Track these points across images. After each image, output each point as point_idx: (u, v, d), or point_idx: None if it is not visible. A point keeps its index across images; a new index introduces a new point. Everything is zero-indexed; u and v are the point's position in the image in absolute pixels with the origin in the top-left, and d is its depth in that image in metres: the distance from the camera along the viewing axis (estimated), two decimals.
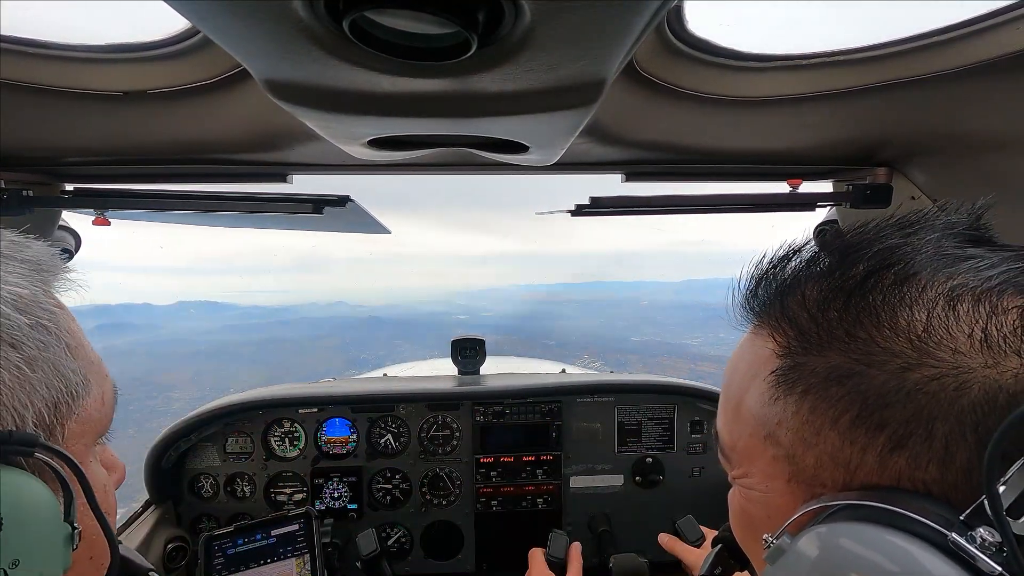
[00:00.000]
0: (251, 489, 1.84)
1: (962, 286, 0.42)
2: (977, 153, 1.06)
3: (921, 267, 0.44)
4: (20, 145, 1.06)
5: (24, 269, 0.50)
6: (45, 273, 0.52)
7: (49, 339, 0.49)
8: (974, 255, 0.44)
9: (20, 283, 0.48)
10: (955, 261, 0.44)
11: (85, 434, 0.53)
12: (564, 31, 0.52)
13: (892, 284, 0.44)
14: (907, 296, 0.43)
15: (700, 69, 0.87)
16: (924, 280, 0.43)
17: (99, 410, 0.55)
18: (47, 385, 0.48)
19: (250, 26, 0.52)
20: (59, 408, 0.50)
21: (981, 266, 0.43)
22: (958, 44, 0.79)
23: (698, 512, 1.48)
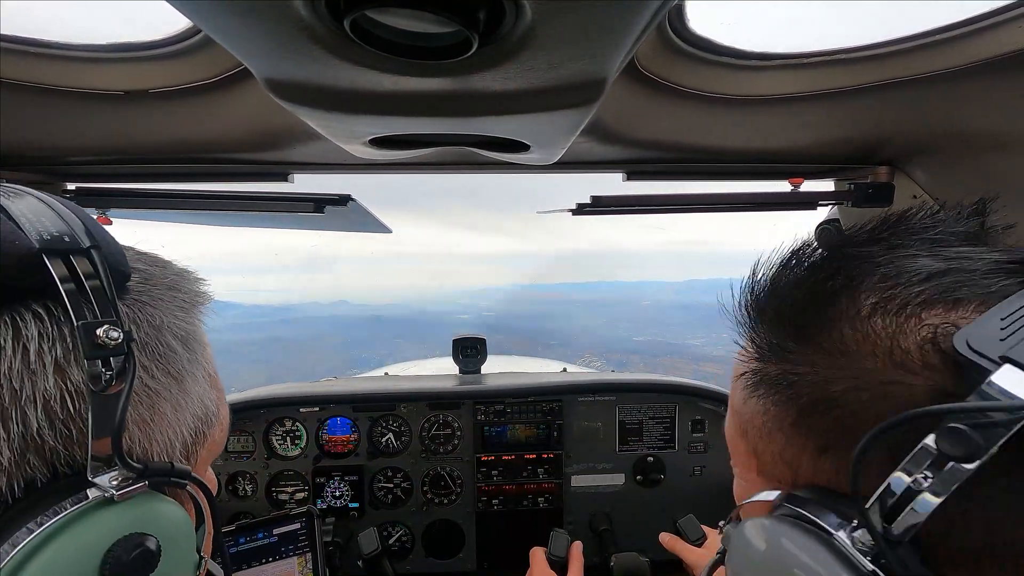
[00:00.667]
0: (252, 488, 1.84)
1: (891, 298, 0.42)
2: (978, 152, 1.05)
3: (864, 277, 0.44)
4: (22, 145, 1.07)
5: (186, 303, 0.52)
6: (199, 306, 0.54)
7: (198, 372, 0.51)
8: (931, 264, 0.43)
9: (185, 318, 0.50)
10: (904, 271, 0.43)
11: (207, 460, 0.56)
12: (565, 30, 0.52)
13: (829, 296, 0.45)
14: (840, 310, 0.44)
15: (701, 68, 0.87)
16: (863, 292, 0.44)
17: (221, 435, 0.57)
18: (193, 415, 0.51)
19: (251, 25, 0.52)
20: (198, 436, 0.52)
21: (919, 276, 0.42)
22: (959, 43, 0.79)
23: (699, 511, 1.48)
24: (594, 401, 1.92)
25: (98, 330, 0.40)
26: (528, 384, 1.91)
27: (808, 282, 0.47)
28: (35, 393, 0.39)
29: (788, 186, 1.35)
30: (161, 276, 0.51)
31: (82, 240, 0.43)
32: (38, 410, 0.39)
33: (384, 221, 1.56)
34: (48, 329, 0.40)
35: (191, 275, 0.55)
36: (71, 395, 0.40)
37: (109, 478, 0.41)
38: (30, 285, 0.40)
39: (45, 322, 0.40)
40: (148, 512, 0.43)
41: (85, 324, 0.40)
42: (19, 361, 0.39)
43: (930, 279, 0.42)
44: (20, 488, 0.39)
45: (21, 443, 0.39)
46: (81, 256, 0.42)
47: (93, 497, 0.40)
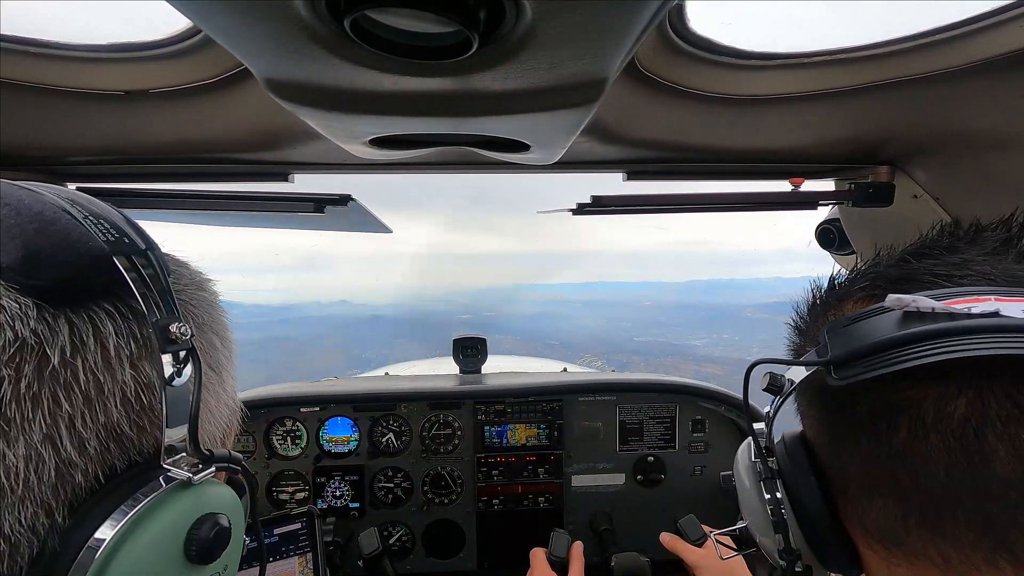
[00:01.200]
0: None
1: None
2: (979, 151, 1.05)
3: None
4: (22, 145, 1.07)
5: (210, 300, 0.54)
6: (219, 303, 0.56)
7: (230, 366, 0.55)
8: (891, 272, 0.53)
9: (215, 314, 0.54)
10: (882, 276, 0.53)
11: (230, 447, 0.59)
12: (565, 30, 0.52)
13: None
14: None
15: (702, 68, 0.87)
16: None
17: (237, 424, 0.61)
18: (227, 406, 0.54)
19: (251, 25, 0.52)
20: (229, 426, 0.56)
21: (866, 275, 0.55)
22: (960, 42, 0.79)
23: (699, 511, 1.48)
24: (594, 401, 1.92)
25: (171, 327, 0.43)
26: (528, 384, 1.91)
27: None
28: (114, 387, 0.42)
29: (788, 186, 1.35)
30: (188, 276, 0.53)
31: (139, 242, 0.46)
32: (117, 402, 0.42)
33: (384, 221, 1.56)
34: (121, 327, 0.43)
35: (204, 275, 0.57)
36: (144, 388, 0.43)
37: (181, 464, 0.45)
38: (100, 285, 0.43)
39: (118, 320, 0.43)
40: (214, 494, 0.47)
41: (159, 322, 0.43)
42: (100, 356, 0.41)
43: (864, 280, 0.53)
44: (104, 475, 0.42)
45: (104, 433, 0.42)
46: (141, 257, 0.45)
47: (171, 482, 0.44)
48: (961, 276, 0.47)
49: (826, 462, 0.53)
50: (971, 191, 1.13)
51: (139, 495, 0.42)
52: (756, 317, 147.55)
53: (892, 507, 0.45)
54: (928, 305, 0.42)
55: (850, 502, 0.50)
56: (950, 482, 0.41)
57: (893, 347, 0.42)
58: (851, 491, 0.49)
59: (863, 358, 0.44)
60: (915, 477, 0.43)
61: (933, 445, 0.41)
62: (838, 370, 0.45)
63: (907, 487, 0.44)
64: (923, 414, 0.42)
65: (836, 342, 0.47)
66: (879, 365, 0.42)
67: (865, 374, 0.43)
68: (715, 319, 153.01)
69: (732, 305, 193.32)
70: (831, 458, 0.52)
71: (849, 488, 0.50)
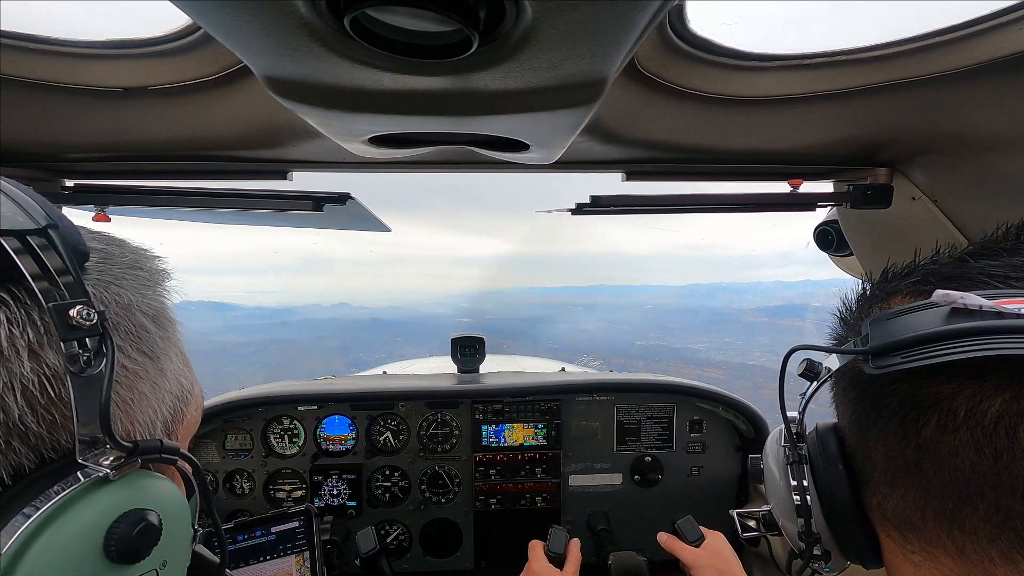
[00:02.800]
0: (250, 486, 1.84)
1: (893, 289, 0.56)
2: (978, 154, 1.06)
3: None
4: (20, 141, 1.06)
5: (150, 281, 0.51)
6: (162, 284, 0.53)
7: (171, 350, 0.51)
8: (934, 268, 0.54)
9: (151, 295, 0.50)
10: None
11: (186, 437, 0.56)
12: (565, 29, 0.52)
13: None
14: None
15: (701, 68, 0.87)
16: None
17: (196, 413, 0.58)
18: (171, 393, 0.51)
19: (251, 23, 0.52)
20: (176, 414, 0.52)
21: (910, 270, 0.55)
22: (959, 45, 0.80)
23: (696, 511, 1.49)
24: (592, 401, 1.92)
25: (71, 311, 0.39)
26: (526, 383, 1.91)
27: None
28: (11, 380, 0.38)
29: (787, 187, 1.35)
30: (120, 255, 0.50)
31: (37, 220, 0.42)
32: (17, 396, 0.39)
33: (383, 220, 1.56)
34: (16, 314, 0.39)
35: (149, 253, 0.54)
36: (49, 380, 0.40)
37: (100, 459, 0.41)
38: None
39: (11, 307, 0.39)
40: (144, 489, 0.44)
41: (56, 305, 0.39)
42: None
43: (919, 275, 0.53)
44: (8, 475, 0.39)
45: (4, 431, 0.39)
46: (38, 236, 0.41)
47: (88, 478, 0.41)
48: (1018, 279, 0.46)
49: (854, 450, 0.54)
50: (970, 193, 1.13)
51: (50, 493, 0.39)
52: (757, 321, 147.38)
53: (913, 495, 0.46)
54: (976, 303, 0.42)
55: (872, 489, 0.51)
56: (974, 476, 0.41)
57: (933, 341, 0.42)
58: (875, 478, 0.50)
59: (902, 349, 0.44)
60: (939, 468, 0.43)
61: (962, 439, 0.42)
62: (875, 359, 0.46)
63: (930, 477, 0.44)
64: (955, 409, 0.42)
65: (877, 333, 0.47)
66: (916, 357, 0.43)
67: (901, 365, 0.43)
68: (716, 323, 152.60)
69: (733, 309, 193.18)
70: (858, 446, 0.53)
71: (873, 475, 0.51)
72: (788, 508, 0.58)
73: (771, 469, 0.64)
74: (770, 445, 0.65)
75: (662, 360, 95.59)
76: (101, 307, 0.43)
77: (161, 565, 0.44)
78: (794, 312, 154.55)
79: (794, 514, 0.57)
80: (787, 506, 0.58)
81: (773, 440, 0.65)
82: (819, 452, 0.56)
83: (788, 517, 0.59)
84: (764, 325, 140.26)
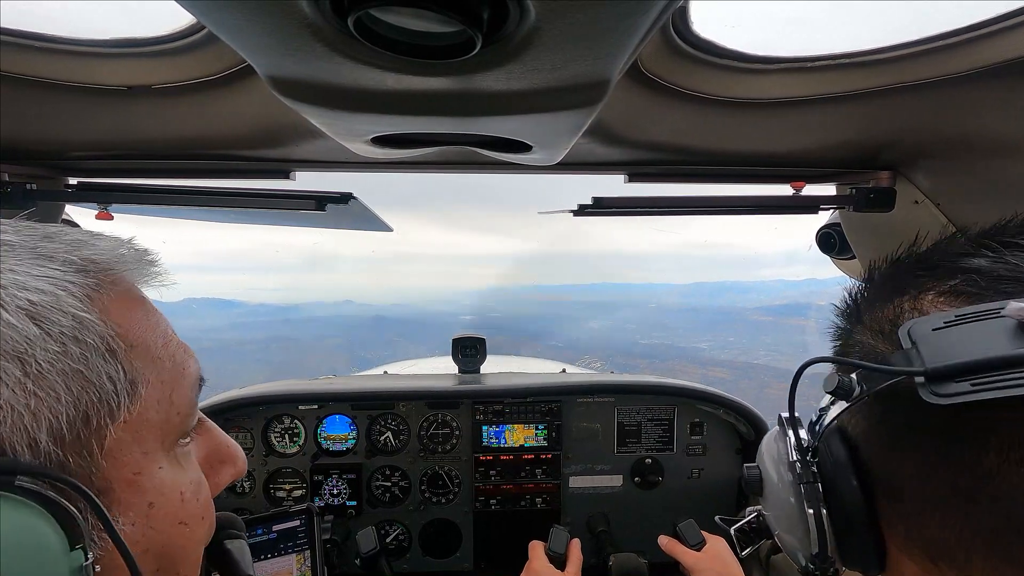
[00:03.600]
0: (250, 485, 1.84)
1: (921, 287, 0.50)
2: (981, 157, 1.05)
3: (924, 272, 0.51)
4: (24, 139, 1.07)
5: (57, 270, 0.45)
6: (93, 273, 0.47)
7: (73, 348, 0.43)
8: (980, 264, 0.48)
9: (42, 287, 0.43)
10: (960, 268, 0.48)
11: (144, 440, 0.47)
12: (569, 31, 0.52)
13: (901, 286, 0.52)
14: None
15: (704, 70, 0.87)
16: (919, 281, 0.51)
17: (162, 410, 0.49)
18: (65, 400, 0.42)
19: (255, 23, 0.52)
20: (90, 420, 0.43)
21: (954, 270, 0.49)
22: (964, 48, 0.79)
23: (696, 513, 1.48)
24: (593, 402, 1.92)
25: None
26: (527, 384, 1.91)
27: (891, 270, 0.55)
28: None
29: (790, 189, 1.35)
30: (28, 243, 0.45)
31: None
32: None
33: (385, 220, 1.56)
34: None
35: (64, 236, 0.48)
36: None
37: None
38: None
39: None
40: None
41: None
42: None
43: (957, 274, 0.47)
44: None
45: None
46: None
47: None
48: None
49: (875, 466, 0.49)
50: (972, 197, 1.13)
51: None
52: (761, 320, 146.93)
53: (957, 525, 0.42)
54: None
55: (900, 511, 0.47)
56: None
57: (1009, 367, 0.37)
58: (906, 500, 0.46)
59: (970, 375, 0.38)
60: (995, 501, 0.40)
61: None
62: (936, 384, 0.39)
63: (983, 509, 0.40)
64: (1021, 438, 0.38)
65: (930, 347, 0.41)
66: (990, 386, 0.37)
67: (972, 395, 0.37)
68: (720, 322, 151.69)
69: (737, 308, 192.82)
70: (884, 463, 0.48)
71: (903, 498, 0.46)
72: (792, 524, 0.55)
73: (771, 479, 0.60)
74: (767, 450, 0.61)
75: (666, 359, 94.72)
76: None
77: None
78: (798, 311, 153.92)
79: (800, 531, 0.53)
80: (792, 523, 0.55)
81: (771, 444, 0.61)
82: (835, 471, 0.50)
83: (790, 531, 0.56)
84: (768, 324, 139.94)
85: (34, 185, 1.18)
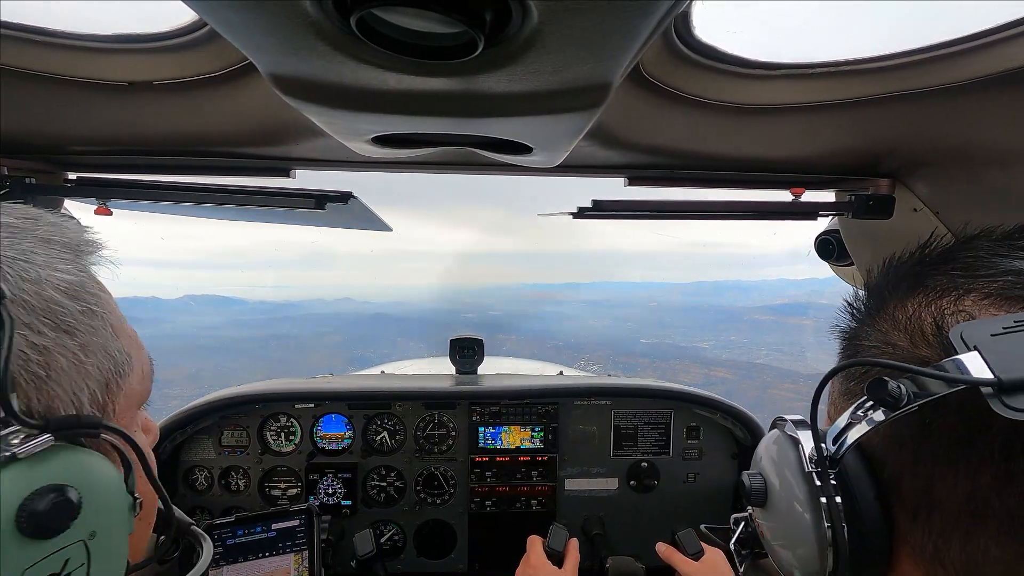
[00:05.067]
0: (245, 483, 1.84)
1: (951, 286, 0.47)
2: (981, 167, 1.06)
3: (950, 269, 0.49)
4: (25, 132, 1.07)
5: (68, 255, 0.50)
6: (86, 256, 0.53)
7: (97, 323, 0.50)
8: (1011, 264, 0.46)
9: (68, 269, 0.49)
10: (987, 266, 0.47)
11: (131, 407, 0.57)
12: (571, 33, 0.52)
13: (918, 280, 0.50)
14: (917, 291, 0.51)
15: (706, 75, 0.87)
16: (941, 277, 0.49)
17: (140, 383, 0.58)
18: (99, 367, 0.50)
19: (258, 20, 0.52)
20: (110, 387, 0.52)
21: (991, 271, 0.46)
22: (965, 57, 0.80)
23: (692, 518, 1.48)
24: (590, 405, 1.92)
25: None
26: (524, 386, 1.90)
27: (916, 267, 0.52)
28: None
29: (789, 195, 1.35)
30: (32, 228, 0.49)
31: None
32: None
33: (385, 219, 1.56)
34: None
35: (70, 225, 0.53)
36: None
37: (11, 437, 0.41)
38: None
39: None
40: (60, 464, 0.44)
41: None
42: None
43: (998, 276, 0.44)
44: None
45: None
46: None
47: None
48: None
49: (899, 480, 0.46)
50: (971, 206, 1.13)
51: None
52: (763, 319, 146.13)
53: (1000, 550, 0.40)
54: None
55: (929, 531, 0.44)
56: None
57: None
58: (936, 520, 0.43)
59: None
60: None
61: None
62: (1009, 395, 0.36)
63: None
64: None
65: (997, 355, 0.38)
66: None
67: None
68: (722, 321, 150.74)
69: (738, 307, 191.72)
70: (912, 478, 0.45)
71: (933, 516, 0.43)
72: (797, 539, 0.52)
73: (775, 489, 0.56)
74: (769, 456, 0.58)
75: (668, 359, 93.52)
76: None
77: (89, 536, 0.45)
78: (800, 311, 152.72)
79: (804, 547, 0.50)
80: (797, 537, 0.51)
81: (772, 450, 0.58)
82: (857, 485, 0.47)
83: (790, 546, 0.54)
84: (770, 323, 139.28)
85: (33, 179, 1.17)
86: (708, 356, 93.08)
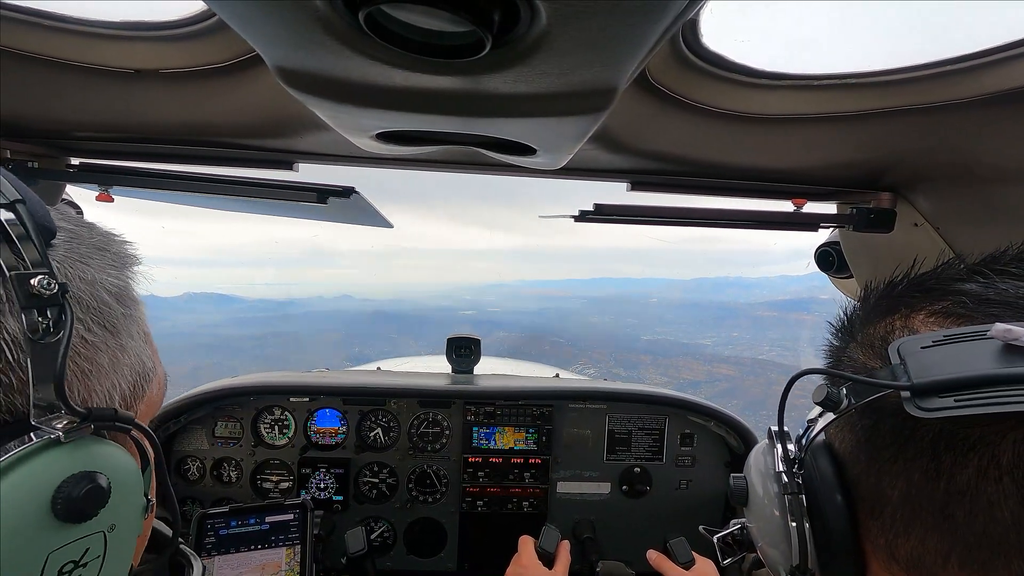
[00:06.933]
0: (237, 475, 1.84)
1: (915, 306, 0.51)
2: (983, 183, 1.06)
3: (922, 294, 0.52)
4: (29, 116, 1.06)
5: (116, 263, 0.53)
6: (129, 267, 0.55)
7: (134, 328, 0.53)
8: (971, 288, 0.49)
9: (116, 275, 0.52)
10: (952, 290, 0.49)
11: (147, 414, 0.59)
12: (579, 36, 0.52)
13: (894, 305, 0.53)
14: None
15: (712, 83, 0.87)
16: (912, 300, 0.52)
17: (158, 393, 0.60)
18: (131, 369, 0.53)
19: (266, 13, 0.52)
20: (136, 390, 0.54)
21: (947, 292, 0.50)
22: (970, 74, 0.80)
23: (683, 525, 1.49)
24: (585, 408, 1.92)
25: (32, 280, 0.41)
26: (520, 387, 1.90)
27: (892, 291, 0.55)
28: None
29: (791, 206, 1.35)
30: (88, 236, 0.52)
31: (7, 194, 0.44)
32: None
33: (386, 215, 1.56)
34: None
35: (118, 237, 0.56)
36: (8, 345, 0.42)
37: (54, 422, 0.43)
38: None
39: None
40: (95, 453, 0.46)
41: (19, 274, 0.41)
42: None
43: (948, 296, 0.48)
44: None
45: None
46: (7, 210, 0.43)
47: (40, 439, 0.43)
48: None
49: (858, 480, 0.50)
50: (972, 222, 1.13)
51: (2, 451, 0.41)
52: (766, 315, 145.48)
53: (936, 541, 0.43)
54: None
55: (881, 526, 0.48)
56: (1014, 529, 0.39)
57: (991, 384, 0.38)
58: (886, 516, 0.47)
59: (953, 391, 0.40)
60: (973, 517, 0.40)
61: (1005, 489, 0.39)
62: (921, 398, 0.41)
63: (960, 525, 0.41)
64: (998, 455, 0.39)
65: (917, 364, 0.42)
66: (973, 403, 0.38)
67: (955, 410, 0.39)
68: (724, 317, 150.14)
69: (740, 303, 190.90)
70: (867, 477, 0.49)
71: (884, 512, 0.47)
72: (775, 537, 0.55)
73: (756, 490, 0.60)
74: (757, 464, 0.61)
75: (670, 356, 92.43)
76: (63, 280, 0.44)
77: (109, 528, 0.46)
78: (802, 306, 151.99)
79: (782, 543, 0.54)
80: (775, 535, 0.55)
81: (761, 459, 0.60)
82: (819, 482, 0.51)
83: (772, 544, 0.57)
84: (773, 319, 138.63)
85: (36, 163, 1.17)
86: (710, 352, 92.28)
